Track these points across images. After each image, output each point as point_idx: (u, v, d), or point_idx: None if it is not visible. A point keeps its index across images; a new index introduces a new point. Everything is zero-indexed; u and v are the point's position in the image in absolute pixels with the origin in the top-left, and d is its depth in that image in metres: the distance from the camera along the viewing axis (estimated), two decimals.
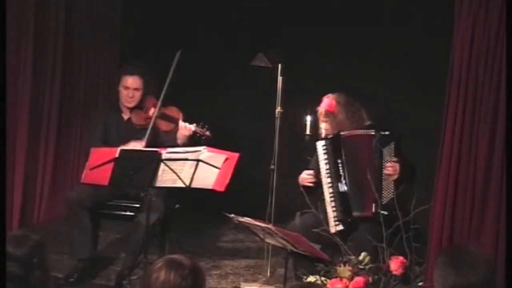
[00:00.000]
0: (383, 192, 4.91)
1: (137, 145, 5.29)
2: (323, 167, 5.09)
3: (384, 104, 5.90)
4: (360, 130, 5.05)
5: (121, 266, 5.27)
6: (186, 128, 5.38)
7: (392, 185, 4.90)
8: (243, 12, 6.71)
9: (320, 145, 5.12)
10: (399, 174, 4.90)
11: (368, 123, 5.14)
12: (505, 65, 4.26)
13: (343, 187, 5.03)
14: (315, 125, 5.54)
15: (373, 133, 5.00)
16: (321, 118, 5.17)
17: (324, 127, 5.16)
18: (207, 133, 5.37)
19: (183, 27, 6.82)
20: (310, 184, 5.12)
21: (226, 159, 4.84)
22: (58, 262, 5.32)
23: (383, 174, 4.93)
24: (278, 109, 5.57)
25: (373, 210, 4.90)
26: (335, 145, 5.06)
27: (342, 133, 5.06)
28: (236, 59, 6.34)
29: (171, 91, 5.42)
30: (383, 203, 4.86)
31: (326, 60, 6.43)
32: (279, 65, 5.57)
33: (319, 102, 5.75)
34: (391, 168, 4.92)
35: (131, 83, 5.51)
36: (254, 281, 5.35)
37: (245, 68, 5.85)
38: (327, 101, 5.15)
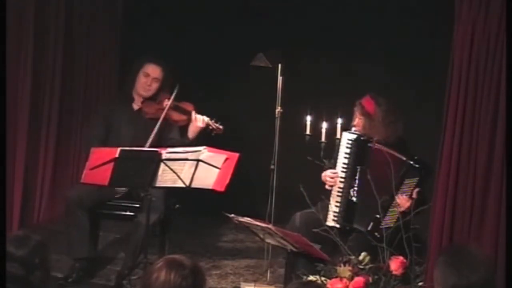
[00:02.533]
0: (385, 217, 4.82)
1: None
2: (341, 160, 5.05)
3: None
4: (391, 150, 4.88)
5: (121, 266, 5.27)
6: (200, 120, 5.36)
7: (396, 216, 4.77)
8: (243, 12, 6.71)
9: (345, 137, 5.05)
10: (407, 210, 4.73)
11: (400, 135, 5.02)
12: (505, 65, 4.26)
13: (353, 196, 4.99)
14: (315, 125, 5.55)
15: (403, 158, 4.84)
16: (357, 113, 5.05)
17: (356, 123, 5.07)
18: (220, 127, 5.37)
19: (183, 27, 6.82)
20: (329, 187, 5.08)
21: (226, 159, 4.84)
22: (58, 262, 5.32)
23: (394, 202, 4.82)
24: (278, 109, 5.57)
25: (369, 228, 4.87)
26: (360, 150, 4.99)
27: (370, 144, 4.97)
28: (236, 59, 6.34)
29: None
30: (380, 227, 4.78)
31: (326, 60, 6.43)
32: (279, 65, 5.57)
33: (319, 102, 5.76)
34: (403, 200, 4.82)
35: (152, 71, 5.48)
36: (254, 281, 5.35)
37: (245, 68, 5.85)
38: (368, 99, 5.02)
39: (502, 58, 4.30)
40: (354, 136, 5.04)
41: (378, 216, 4.80)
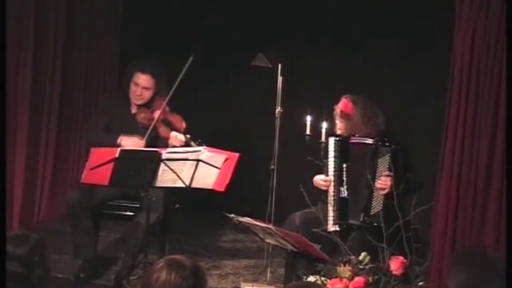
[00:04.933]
0: (372, 202, 4.87)
1: (140, 142, 5.26)
2: (331, 164, 5.08)
3: (384, 104, 5.90)
4: (360, 138, 4.99)
5: (120, 266, 5.27)
6: (176, 139, 5.31)
7: (382, 198, 4.84)
8: (243, 12, 6.71)
9: (331, 141, 5.09)
10: (390, 189, 4.78)
11: (383, 129, 5.06)
12: (506, 66, 4.26)
13: (343, 193, 5.03)
14: (315, 125, 5.55)
15: (370, 142, 4.94)
16: (337, 117, 5.13)
17: (338, 127, 5.14)
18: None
19: (183, 27, 6.82)
20: (323, 188, 5.11)
21: (226, 159, 4.84)
22: (58, 262, 5.32)
23: (375, 185, 4.87)
24: (278, 109, 5.57)
25: (361, 218, 4.91)
26: (343, 148, 5.03)
27: (352, 139, 5.03)
28: (236, 59, 6.34)
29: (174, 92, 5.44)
30: (371, 213, 4.83)
31: (326, 60, 6.44)
32: (279, 65, 5.57)
33: (319, 102, 5.76)
34: (382, 182, 4.85)
35: (142, 81, 5.40)
36: (254, 281, 5.35)
37: (245, 68, 5.85)
38: (344, 101, 5.08)
39: (502, 59, 4.30)
40: (337, 138, 5.09)
41: (365, 205, 4.86)
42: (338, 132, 5.15)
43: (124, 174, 4.79)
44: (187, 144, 5.23)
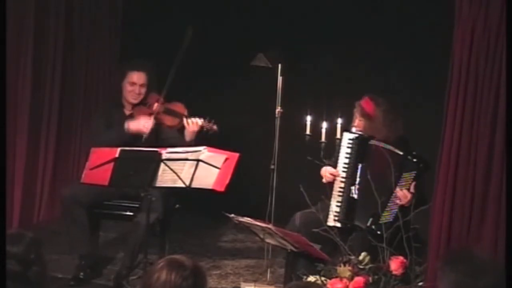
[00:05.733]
0: (384, 212, 4.80)
1: (148, 122, 5.33)
2: (342, 160, 5.04)
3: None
4: (389, 146, 4.89)
5: (119, 266, 5.27)
6: (194, 124, 5.37)
7: (395, 210, 4.76)
8: (243, 12, 6.71)
9: (346, 137, 5.05)
10: (407, 204, 4.74)
11: (401, 134, 5.02)
12: (505, 65, 4.26)
13: (354, 193, 4.99)
14: (315, 125, 5.55)
15: (401, 153, 4.84)
16: (357, 115, 5.06)
17: (356, 124, 5.07)
18: (214, 127, 5.38)
19: (183, 27, 6.81)
20: (325, 182, 5.07)
21: (226, 159, 4.84)
22: (58, 262, 5.32)
23: (392, 196, 4.81)
24: (278, 109, 5.57)
25: (368, 223, 4.86)
26: (361, 147, 4.98)
27: (372, 141, 4.97)
28: (236, 59, 6.34)
29: (172, 91, 5.44)
30: (379, 222, 4.76)
31: (326, 60, 6.44)
32: (279, 65, 5.58)
33: (319, 102, 5.76)
34: (401, 195, 4.77)
35: (138, 79, 5.49)
36: (254, 281, 5.36)
37: (245, 68, 5.85)
38: (367, 101, 5.02)
39: (502, 58, 4.29)
40: (355, 136, 5.05)
41: (376, 212, 4.79)
42: (355, 129, 5.09)
43: (124, 174, 4.80)
44: (202, 127, 5.36)
